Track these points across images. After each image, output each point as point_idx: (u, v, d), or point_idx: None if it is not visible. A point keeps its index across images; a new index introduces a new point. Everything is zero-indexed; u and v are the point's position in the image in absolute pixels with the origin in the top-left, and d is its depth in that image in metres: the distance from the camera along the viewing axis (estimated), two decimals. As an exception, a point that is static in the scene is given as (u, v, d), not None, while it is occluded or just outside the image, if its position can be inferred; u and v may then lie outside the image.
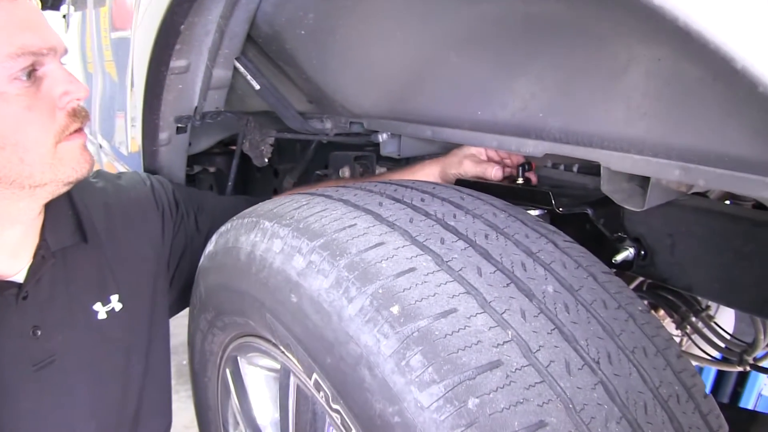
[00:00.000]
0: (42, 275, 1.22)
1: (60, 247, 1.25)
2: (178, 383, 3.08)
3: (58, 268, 1.26)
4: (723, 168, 0.81)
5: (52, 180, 1.13)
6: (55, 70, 1.11)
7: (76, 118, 1.14)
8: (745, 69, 0.41)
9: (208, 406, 1.47)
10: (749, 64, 0.41)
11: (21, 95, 1.05)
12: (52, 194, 1.18)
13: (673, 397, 0.78)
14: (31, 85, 1.07)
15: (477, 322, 0.73)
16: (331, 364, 0.82)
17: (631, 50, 0.87)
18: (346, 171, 1.61)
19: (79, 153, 1.16)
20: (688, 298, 1.68)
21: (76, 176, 1.16)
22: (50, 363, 1.23)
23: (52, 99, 1.10)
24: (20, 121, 1.06)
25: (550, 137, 1.05)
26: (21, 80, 1.05)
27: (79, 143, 1.16)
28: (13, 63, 1.03)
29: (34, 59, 1.06)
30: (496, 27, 1.03)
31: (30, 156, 1.08)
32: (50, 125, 1.10)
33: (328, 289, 0.83)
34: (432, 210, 0.94)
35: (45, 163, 1.11)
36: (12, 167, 1.08)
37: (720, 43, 0.43)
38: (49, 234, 1.23)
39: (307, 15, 1.32)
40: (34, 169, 1.10)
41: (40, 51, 1.06)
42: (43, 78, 1.09)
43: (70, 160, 1.14)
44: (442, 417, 0.68)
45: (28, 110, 1.06)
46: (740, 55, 0.41)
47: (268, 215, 1.03)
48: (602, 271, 0.90)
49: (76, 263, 1.29)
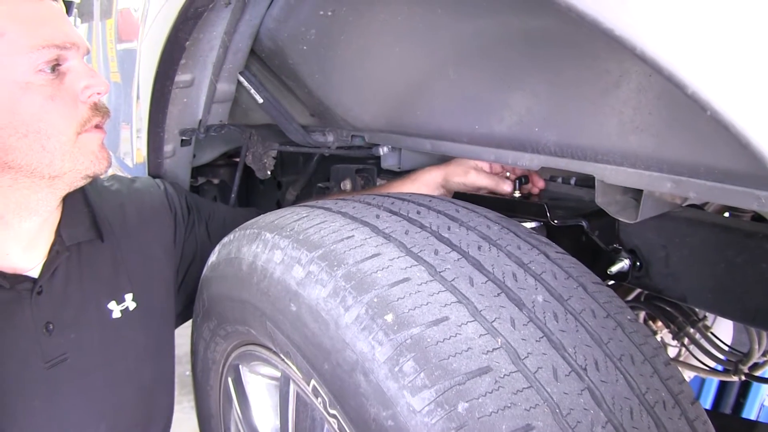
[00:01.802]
0: (56, 269, 1.24)
1: (75, 242, 1.27)
2: (181, 394, 3.09)
3: (73, 264, 1.28)
4: (713, 180, 0.84)
5: (71, 170, 1.17)
6: (78, 66, 1.15)
7: (97, 112, 1.19)
8: (695, 94, 0.44)
9: (210, 415, 1.49)
10: (697, 89, 0.44)
11: (45, 85, 1.09)
12: (69, 186, 1.21)
13: (660, 403, 0.81)
14: (54, 78, 1.11)
15: (468, 330, 0.76)
16: (329, 371, 0.84)
17: (622, 66, 0.89)
18: (348, 184, 1.64)
19: (98, 147, 1.20)
20: (685, 309, 1.70)
21: (94, 169, 1.20)
22: (62, 361, 1.24)
23: (75, 92, 1.14)
24: (43, 109, 1.10)
25: (546, 151, 1.07)
26: (45, 72, 1.09)
27: (99, 138, 1.21)
28: (39, 54, 1.07)
29: (58, 53, 1.10)
30: (493, 43, 1.06)
31: (51, 143, 1.12)
32: (72, 115, 1.14)
33: (326, 298, 0.85)
34: (427, 222, 0.97)
35: (65, 152, 1.14)
36: (34, 154, 1.11)
37: (672, 69, 0.46)
38: (65, 230, 1.26)
39: (309, 31, 1.35)
40: (54, 157, 1.13)
41: (63, 44, 1.11)
42: (66, 73, 1.13)
43: (90, 152, 1.18)
44: (433, 420, 0.70)
45: (51, 99, 1.10)
46: (689, 81, 0.44)
47: (269, 227, 1.06)
48: (592, 282, 0.93)
49: (91, 260, 1.30)
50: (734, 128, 0.43)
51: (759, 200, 0.79)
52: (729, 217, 1.26)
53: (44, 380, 1.22)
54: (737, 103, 0.44)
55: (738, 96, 0.44)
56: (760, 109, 0.43)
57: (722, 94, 0.44)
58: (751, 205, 0.80)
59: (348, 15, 1.26)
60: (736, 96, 0.44)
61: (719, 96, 0.44)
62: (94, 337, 1.29)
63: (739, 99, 0.44)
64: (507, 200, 1.32)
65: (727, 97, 0.44)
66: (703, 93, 0.44)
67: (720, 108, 0.44)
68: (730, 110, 0.43)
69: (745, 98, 0.44)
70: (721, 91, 0.44)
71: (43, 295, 1.22)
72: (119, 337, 1.33)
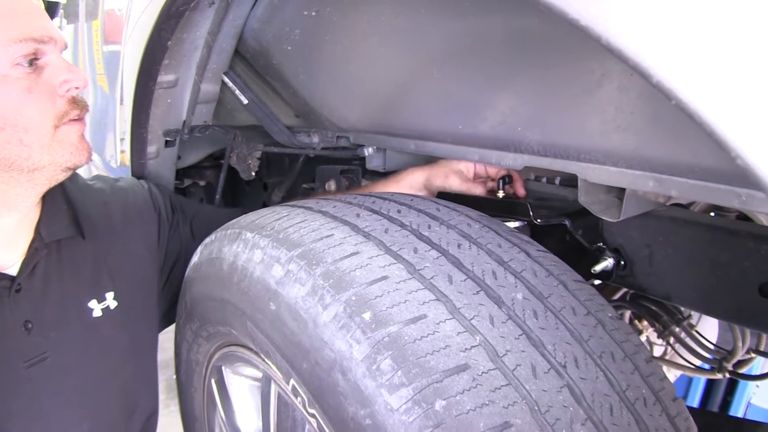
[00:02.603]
0: (36, 267, 1.22)
1: (54, 239, 1.26)
2: (168, 398, 3.07)
3: (53, 262, 1.26)
4: (694, 178, 0.84)
5: (50, 163, 1.15)
6: (56, 60, 1.14)
7: (75, 105, 1.17)
8: (660, 83, 0.44)
9: (194, 417, 1.48)
10: (662, 78, 0.44)
11: (22, 78, 1.09)
12: (49, 180, 1.19)
13: (640, 400, 0.81)
14: (32, 72, 1.10)
15: (446, 328, 0.76)
16: (307, 370, 0.84)
17: (604, 65, 0.90)
18: (332, 184, 1.63)
19: (77, 139, 1.19)
20: (670, 308, 1.70)
21: (74, 161, 1.19)
22: (42, 360, 1.22)
23: (53, 86, 1.13)
24: (20, 102, 1.09)
25: (529, 150, 1.07)
26: (23, 66, 1.09)
27: (78, 130, 1.19)
28: (16, 48, 1.07)
29: (36, 46, 1.09)
30: (477, 43, 1.06)
31: (29, 137, 1.11)
32: (50, 108, 1.13)
33: (304, 296, 0.85)
34: (408, 221, 0.96)
35: (43, 145, 1.13)
36: (11, 148, 1.10)
37: (636, 58, 0.46)
38: (44, 227, 1.24)
39: (294, 31, 1.34)
40: (32, 151, 1.12)
41: (41, 38, 1.10)
42: (44, 67, 1.13)
43: (69, 144, 1.17)
44: (411, 419, 0.70)
45: (29, 92, 1.09)
46: (654, 70, 0.44)
47: (250, 226, 1.06)
48: (573, 279, 0.92)
49: (71, 258, 1.29)
50: (699, 118, 0.43)
51: (740, 198, 0.79)
52: (710, 215, 1.26)
53: (24, 380, 1.21)
54: (701, 92, 0.44)
55: (702, 84, 0.44)
56: (724, 97, 0.43)
57: (686, 83, 0.44)
58: (733, 202, 0.80)
59: (332, 15, 1.26)
60: (699, 84, 0.44)
61: (683, 84, 0.44)
62: (74, 336, 1.28)
63: (703, 87, 0.44)
64: (490, 200, 1.31)
65: (690, 85, 0.44)
66: (667, 82, 0.44)
67: (685, 97, 0.43)
68: (694, 99, 0.43)
69: (709, 87, 0.44)
70: (684, 80, 0.44)
71: (21, 293, 1.20)
72: (100, 337, 1.32)
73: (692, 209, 1.31)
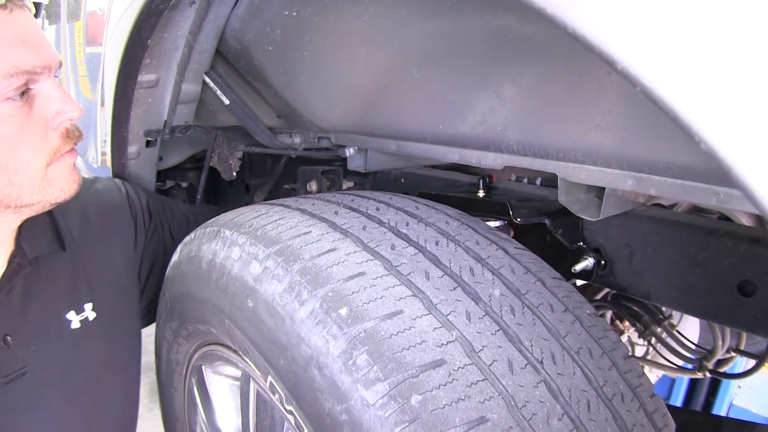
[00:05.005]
0: (15, 283, 1.19)
1: (36, 254, 1.21)
2: (152, 401, 3.06)
3: (31, 275, 1.22)
4: (672, 177, 0.84)
5: (40, 201, 1.11)
6: (49, 89, 1.06)
7: (69, 139, 1.11)
8: (624, 70, 0.44)
9: (175, 417, 1.47)
10: (627, 64, 0.44)
11: (14, 116, 1.01)
12: (36, 213, 1.15)
13: (618, 396, 0.81)
14: (24, 105, 1.03)
15: (422, 323, 0.76)
16: (284, 366, 0.84)
17: (583, 64, 0.90)
18: (314, 185, 1.63)
19: (69, 174, 1.14)
20: (651, 308, 1.71)
21: (64, 197, 1.14)
22: (21, 375, 1.19)
23: (45, 119, 1.07)
24: (12, 143, 1.02)
25: (509, 150, 1.08)
26: (14, 100, 1.01)
27: (70, 163, 1.14)
28: (7, 83, 0.98)
29: (27, 77, 1.01)
30: (457, 43, 1.06)
31: (19, 178, 1.05)
32: (42, 146, 1.07)
33: (281, 293, 0.85)
34: (386, 218, 0.97)
35: (34, 186, 1.08)
36: (1, 188, 1.05)
37: (598, 42, 0.46)
38: (26, 241, 1.20)
39: (275, 31, 1.34)
40: (22, 191, 1.07)
41: (34, 69, 1.02)
42: (35, 96, 1.05)
43: (60, 181, 1.12)
44: (387, 414, 0.70)
45: (21, 132, 1.03)
46: (618, 56, 0.44)
47: (228, 224, 1.05)
48: (551, 277, 0.93)
49: (50, 271, 1.25)
50: (663, 103, 0.43)
51: (718, 196, 0.80)
52: (689, 214, 1.27)
53: (1, 396, 1.17)
54: (663, 76, 0.44)
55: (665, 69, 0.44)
56: (687, 82, 0.43)
57: (648, 68, 0.44)
58: (710, 201, 0.81)
59: (313, 15, 1.26)
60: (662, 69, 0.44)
61: (646, 70, 0.44)
62: (53, 350, 1.25)
63: (666, 72, 0.44)
64: (470, 199, 1.32)
65: (653, 70, 0.44)
66: (632, 68, 0.44)
67: (648, 83, 0.44)
68: (657, 84, 0.43)
69: (672, 71, 0.44)
70: (647, 65, 0.44)
71: (0, 307, 1.17)
72: (78, 349, 1.29)
73: (675, 210, 1.32)
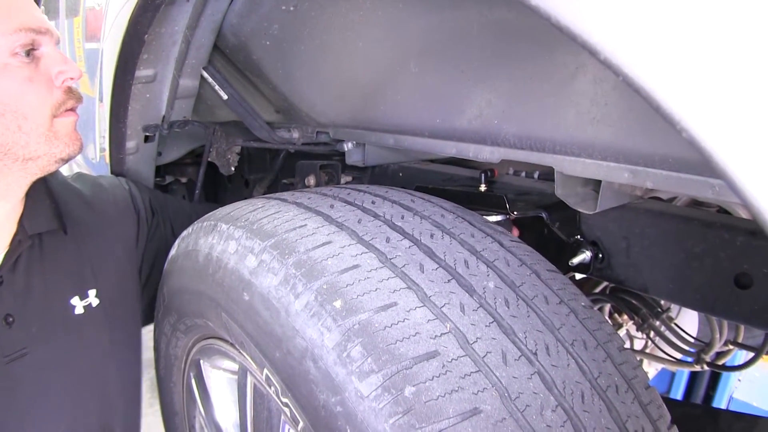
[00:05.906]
0: (18, 260, 1.22)
1: (37, 231, 1.26)
2: (153, 396, 3.06)
3: (35, 256, 1.26)
4: (668, 170, 0.84)
5: (46, 153, 1.18)
6: (51, 52, 1.18)
7: (71, 95, 1.21)
8: (607, 60, 0.44)
9: (174, 412, 1.48)
10: (610, 54, 0.44)
11: (22, 67, 1.13)
12: (41, 171, 1.21)
13: (612, 388, 0.81)
14: (30, 62, 1.14)
15: (416, 315, 0.76)
16: (280, 359, 0.84)
17: (578, 58, 0.90)
18: (312, 179, 1.63)
19: (72, 131, 1.22)
20: (649, 301, 1.71)
21: (68, 152, 1.21)
22: (22, 356, 1.21)
23: (49, 76, 1.17)
24: (21, 90, 1.13)
25: (506, 143, 1.08)
26: (21, 56, 1.13)
27: (72, 121, 1.23)
28: (15, 38, 1.11)
29: (33, 36, 1.13)
30: (454, 36, 1.06)
31: (28, 124, 1.14)
32: (48, 98, 1.17)
33: (277, 286, 0.85)
34: (381, 211, 0.97)
35: (41, 134, 1.16)
36: (10, 134, 1.13)
37: (581, 32, 0.46)
38: (27, 219, 1.25)
39: (272, 26, 1.34)
40: (30, 139, 1.15)
41: (39, 29, 1.14)
42: (40, 58, 1.17)
43: (64, 135, 1.20)
44: (381, 405, 0.70)
45: (29, 81, 1.13)
46: (602, 46, 0.44)
47: (225, 218, 1.06)
48: (546, 269, 0.93)
49: (53, 253, 1.29)
50: (644, 91, 0.43)
51: (713, 188, 0.80)
52: (686, 207, 1.27)
53: (2, 375, 1.19)
54: (645, 66, 0.44)
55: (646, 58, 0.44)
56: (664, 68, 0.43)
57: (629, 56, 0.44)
58: (707, 193, 0.81)
59: (310, 9, 1.26)
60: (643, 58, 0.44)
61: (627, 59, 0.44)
62: (56, 333, 1.27)
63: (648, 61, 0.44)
64: (467, 192, 1.32)
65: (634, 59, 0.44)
66: (615, 58, 0.44)
67: (630, 71, 0.44)
68: (639, 73, 0.43)
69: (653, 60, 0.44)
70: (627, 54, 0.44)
71: (3, 286, 1.20)
72: (81, 334, 1.31)
73: (674, 204, 1.32)
